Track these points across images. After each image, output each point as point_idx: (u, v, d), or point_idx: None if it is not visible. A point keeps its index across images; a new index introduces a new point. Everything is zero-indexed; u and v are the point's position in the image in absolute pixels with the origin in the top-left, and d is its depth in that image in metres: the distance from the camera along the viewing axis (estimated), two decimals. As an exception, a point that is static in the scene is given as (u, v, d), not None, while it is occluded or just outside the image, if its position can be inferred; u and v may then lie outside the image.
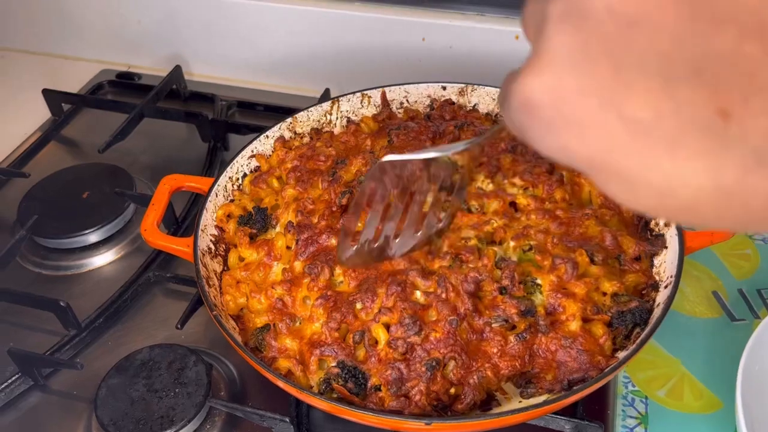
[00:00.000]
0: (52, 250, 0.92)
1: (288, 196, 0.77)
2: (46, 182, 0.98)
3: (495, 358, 0.62)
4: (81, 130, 1.15)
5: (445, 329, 0.62)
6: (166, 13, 1.21)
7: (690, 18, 0.26)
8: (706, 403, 0.72)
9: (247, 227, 0.76)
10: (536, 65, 0.30)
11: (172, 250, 0.76)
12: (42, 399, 0.76)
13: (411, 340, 0.62)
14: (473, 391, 0.61)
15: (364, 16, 1.10)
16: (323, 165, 0.80)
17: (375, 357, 0.62)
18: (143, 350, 0.73)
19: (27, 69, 1.31)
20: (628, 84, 0.28)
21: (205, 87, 1.19)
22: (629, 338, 0.64)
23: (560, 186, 0.74)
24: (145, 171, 1.04)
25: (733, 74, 0.26)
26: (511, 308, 0.63)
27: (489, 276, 0.65)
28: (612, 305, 0.65)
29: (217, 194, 0.79)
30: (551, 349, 0.62)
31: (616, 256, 0.69)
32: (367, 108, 0.91)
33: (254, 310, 0.69)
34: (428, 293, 0.65)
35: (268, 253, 0.72)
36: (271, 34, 1.17)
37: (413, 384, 0.60)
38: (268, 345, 0.66)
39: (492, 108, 0.91)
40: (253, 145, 0.84)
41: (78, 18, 1.28)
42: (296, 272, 0.69)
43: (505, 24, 1.05)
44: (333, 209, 0.73)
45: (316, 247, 0.70)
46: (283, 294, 0.68)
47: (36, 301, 0.80)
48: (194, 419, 0.68)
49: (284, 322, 0.66)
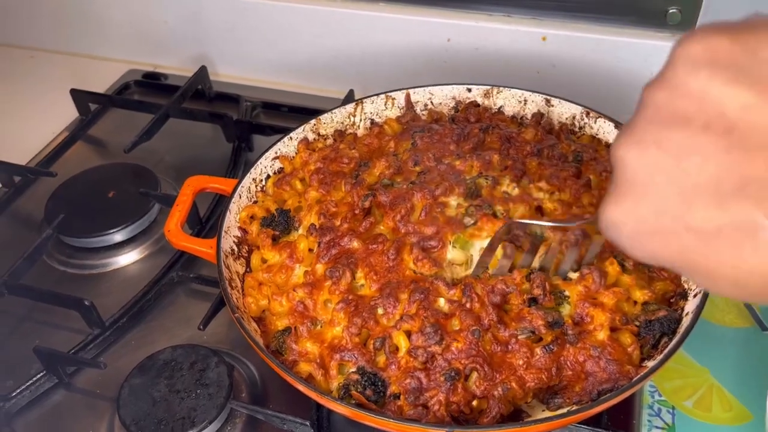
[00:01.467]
0: (77, 248, 0.93)
1: (311, 198, 0.77)
2: (72, 181, 0.99)
3: (520, 370, 0.60)
4: (108, 129, 1.16)
5: (467, 339, 0.61)
6: (193, 13, 1.21)
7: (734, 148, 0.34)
8: (735, 414, 0.70)
9: (270, 229, 0.76)
10: (617, 193, 0.40)
11: (195, 251, 0.76)
12: (66, 397, 0.77)
13: (431, 350, 0.61)
14: (498, 404, 0.59)
15: (389, 17, 1.09)
16: (346, 167, 0.80)
17: (395, 364, 0.61)
18: (166, 350, 0.74)
19: (55, 69, 1.33)
20: (690, 203, 0.36)
21: (230, 87, 1.20)
22: (656, 347, 0.63)
23: (587, 191, 0.73)
24: (170, 171, 1.05)
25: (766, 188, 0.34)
26: (538, 320, 0.62)
27: (517, 289, 0.64)
28: (640, 314, 0.63)
29: (240, 195, 0.79)
30: (579, 359, 0.61)
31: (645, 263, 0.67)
32: (391, 110, 0.90)
33: (275, 312, 0.69)
34: (452, 302, 0.64)
35: (290, 256, 0.72)
36: (296, 35, 1.17)
37: (432, 394, 0.59)
38: (289, 348, 0.65)
39: (518, 110, 0.90)
40: (276, 147, 0.84)
41: (106, 18, 1.29)
42: (318, 275, 0.69)
43: (532, 25, 1.03)
44: (356, 212, 0.73)
45: (338, 250, 0.70)
46: (305, 297, 0.67)
47: (61, 300, 0.81)
48: (215, 421, 0.68)
49: (305, 325, 0.66)
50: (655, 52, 0.98)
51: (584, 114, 0.86)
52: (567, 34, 1.01)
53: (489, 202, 0.71)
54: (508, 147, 0.80)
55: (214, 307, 0.79)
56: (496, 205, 0.71)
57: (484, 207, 0.70)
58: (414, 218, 0.71)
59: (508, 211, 0.71)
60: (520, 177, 0.75)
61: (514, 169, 0.75)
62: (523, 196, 0.72)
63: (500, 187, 0.74)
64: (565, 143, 0.81)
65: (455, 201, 0.72)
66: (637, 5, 0.97)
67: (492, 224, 0.69)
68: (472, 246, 0.69)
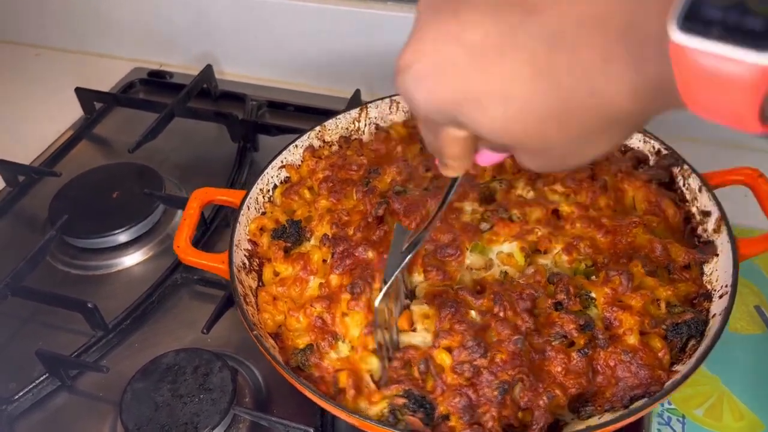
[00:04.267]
0: (81, 249, 0.92)
1: (321, 207, 0.75)
2: (76, 181, 0.98)
3: (560, 377, 0.59)
4: (112, 128, 1.15)
5: (509, 349, 0.58)
6: (199, 11, 1.21)
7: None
8: (746, 424, 0.69)
9: (282, 240, 0.73)
10: (408, 41, 0.41)
11: (207, 267, 0.73)
12: (69, 400, 0.76)
13: (477, 363, 0.58)
14: (545, 414, 0.58)
15: (396, 16, 1.08)
16: (355, 174, 0.78)
17: (441, 384, 0.59)
18: (169, 354, 0.73)
19: (61, 67, 1.32)
20: (464, 20, 0.38)
21: (236, 86, 1.19)
22: (684, 351, 0.62)
23: (604, 193, 0.72)
24: (175, 171, 1.04)
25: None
26: (570, 324, 0.60)
27: (543, 292, 0.63)
28: (666, 317, 0.62)
29: (249, 207, 0.76)
30: (610, 364, 0.59)
31: (665, 265, 0.67)
32: (396, 114, 0.89)
33: (293, 328, 0.67)
34: (483, 312, 0.62)
35: (303, 267, 0.69)
36: (303, 34, 1.16)
37: (484, 410, 0.57)
38: (313, 365, 0.63)
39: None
40: (282, 156, 0.81)
41: (112, 16, 1.28)
42: (333, 286, 0.67)
43: (541, 25, 1.02)
44: (369, 220, 0.71)
45: (352, 260, 0.67)
46: (322, 311, 0.65)
47: (64, 302, 0.80)
48: (218, 426, 0.67)
49: (326, 341, 0.64)
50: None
51: None
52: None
53: (504, 206, 0.70)
54: None
55: (218, 310, 0.78)
56: (512, 210, 0.70)
57: (500, 212, 0.69)
58: None
59: (525, 215, 0.69)
60: (535, 180, 0.74)
61: (529, 172, 0.74)
62: (539, 200, 0.71)
63: (515, 190, 0.73)
64: None
65: (470, 206, 0.71)
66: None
67: (509, 229, 0.68)
68: (491, 251, 0.68)
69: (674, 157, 0.77)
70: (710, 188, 0.72)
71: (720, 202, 0.70)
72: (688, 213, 0.74)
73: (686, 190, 0.75)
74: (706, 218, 0.72)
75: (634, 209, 0.73)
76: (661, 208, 0.72)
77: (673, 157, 0.77)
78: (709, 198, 0.71)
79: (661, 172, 0.77)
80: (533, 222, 0.69)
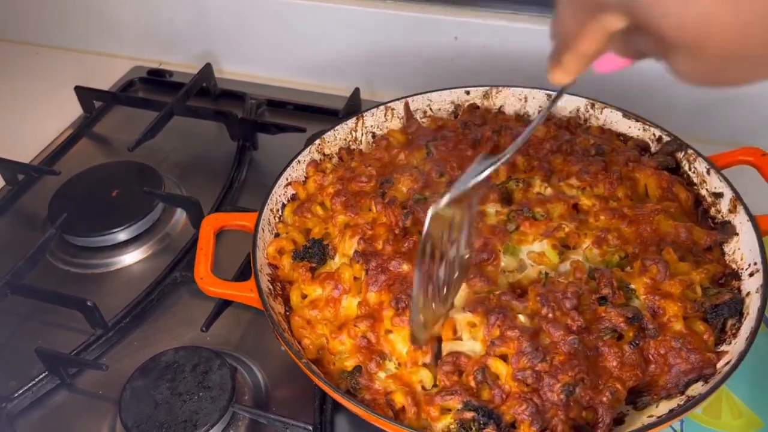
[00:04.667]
0: (81, 248, 0.92)
1: (339, 223, 0.73)
2: (76, 180, 0.98)
3: (616, 371, 0.59)
4: (112, 127, 1.15)
5: (565, 350, 0.58)
6: (198, 10, 1.21)
7: None
8: (745, 422, 0.69)
9: (306, 261, 0.72)
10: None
11: (234, 297, 0.70)
12: (68, 398, 0.76)
13: (539, 368, 0.58)
14: (609, 410, 0.57)
15: (395, 14, 1.08)
16: (366, 186, 0.77)
17: (500, 393, 0.58)
18: (168, 352, 0.73)
19: (61, 65, 1.32)
20: None
21: (236, 84, 1.19)
22: (724, 331, 0.62)
23: (621, 183, 0.72)
24: (174, 169, 1.04)
25: None
26: (618, 317, 0.60)
27: (586, 288, 0.62)
28: (704, 300, 0.63)
29: (263, 230, 0.74)
30: (661, 352, 0.60)
31: (690, 249, 0.67)
32: (392, 121, 0.88)
33: (336, 351, 0.65)
34: (530, 316, 0.61)
35: (335, 287, 0.68)
36: (302, 32, 1.16)
37: (552, 414, 0.57)
38: (364, 388, 0.62)
39: (518, 108, 0.89)
40: (286, 173, 0.80)
41: (112, 15, 1.28)
42: (372, 304, 0.65)
43: (541, 23, 1.02)
44: (396, 233, 0.70)
45: (388, 275, 0.66)
46: (366, 330, 0.64)
47: (63, 300, 0.80)
48: (217, 424, 0.67)
49: (374, 361, 0.62)
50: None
51: (589, 105, 0.85)
52: (576, 32, 1.00)
53: (526, 205, 0.70)
54: (526, 147, 0.78)
55: (217, 308, 0.78)
56: (535, 208, 0.70)
57: (524, 211, 0.70)
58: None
59: (548, 212, 0.70)
60: (549, 176, 0.74)
61: (542, 169, 0.74)
62: (558, 195, 0.72)
63: (532, 189, 0.73)
64: (582, 137, 0.80)
65: (492, 208, 0.71)
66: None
67: (536, 227, 0.68)
68: (521, 251, 0.68)
69: (677, 143, 0.78)
70: (718, 170, 0.73)
71: (731, 182, 0.72)
72: (698, 196, 0.75)
73: (693, 174, 0.76)
74: (718, 199, 0.73)
75: (647, 196, 0.74)
76: (674, 193, 0.73)
77: (677, 143, 0.78)
78: (719, 179, 0.73)
79: (668, 158, 0.78)
80: (557, 218, 0.69)
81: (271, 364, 0.76)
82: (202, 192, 0.95)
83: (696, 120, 0.98)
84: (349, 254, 0.70)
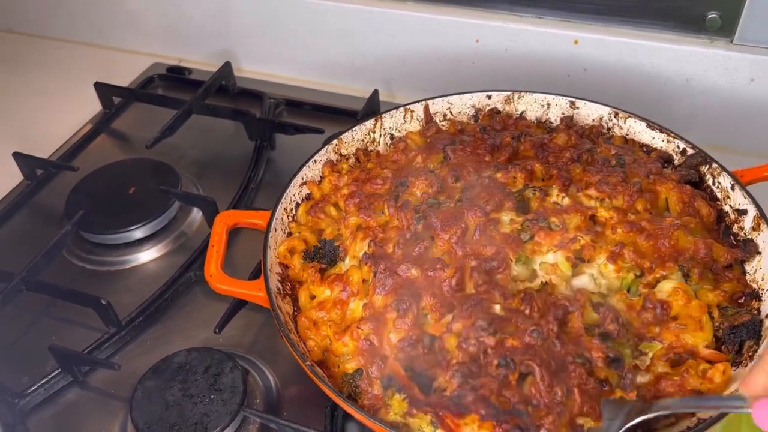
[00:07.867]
0: (97, 245, 0.92)
1: (351, 225, 0.72)
2: (93, 176, 0.99)
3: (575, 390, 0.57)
4: (131, 123, 1.15)
5: (523, 339, 0.58)
6: (219, 8, 1.20)
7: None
8: None
9: (316, 262, 0.71)
10: None
11: (242, 295, 0.71)
12: (80, 395, 0.76)
13: (484, 341, 0.58)
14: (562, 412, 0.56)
15: (416, 16, 1.07)
16: (381, 188, 0.76)
17: (444, 363, 0.60)
18: (180, 353, 0.73)
19: (82, 61, 1.32)
20: None
21: (254, 83, 1.19)
22: (740, 353, 0.61)
23: (641, 195, 0.71)
24: (192, 167, 1.04)
25: None
26: (598, 351, 0.58)
27: (579, 310, 0.61)
28: (722, 321, 0.61)
29: (275, 229, 0.74)
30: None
31: (710, 266, 0.66)
32: (410, 123, 0.87)
33: (339, 353, 0.65)
34: (509, 309, 0.61)
35: (343, 289, 0.67)
36: (322, 32, 1.15)
37: (483, 381, 0.56)
38: (364, 392, 0.61)
39: (540, 114, 0.87)
40: (302, 173, 0.80)
41: (132, 11, 1.28)
42: (377, 307, 0.65)
43: (563, 28, 1.00)
44: (407, 236, 0.69)
45: (395, 280, 0.65)
46: (369, 333, 0.63)
47: (78, 298, 0.80)
48: (228, 427, 0.67)
49: (376, 365, 0.62)
50: (691, 57, 0.95)
51: (612, 114, 0.83)
52: (600, 38, 0.98)
53: (543, 214, 0.69)
54: (546, 155, 0.77)
55: (230, 310, 0.78)
56: (551, 218, 0.69)
57: (540, 220, 0.68)
58: (468, 238, 0.68)
59: (564, 223, 0.68)
60: (568, 186, 0.73)
61: (560, 178, 0.73)
62: (575, 206, 0.70)
63: (549, 198, 0.72)
64: (603, 146, 0.79)
65: (507, 216, 0.70)
66: (676, 10, 0.94)
67: (550, 238, 0.67)
68: (534, 261, 0.67)
69: (701, 156, 0.76)
70: (743, 186, 0.71)
71: (756, 200, 0.70)
72: (720, 211, 0.73)
73: (716, 189, 0.74)
74: (741, 216, 0.71)
75: (667, 210, 0.72)
76: (695, 208, 0.71)
77: (701, 156, 0.76)
78: (744, 195, 0.71)
79: (692, 172, 0.76)
80: (573, 229, 0.68)
81: (284, 367, 0.76)
82: (218, 191, 0.95)
83: (721, 129, 0.96)
84: (359, 256, 0.70)
